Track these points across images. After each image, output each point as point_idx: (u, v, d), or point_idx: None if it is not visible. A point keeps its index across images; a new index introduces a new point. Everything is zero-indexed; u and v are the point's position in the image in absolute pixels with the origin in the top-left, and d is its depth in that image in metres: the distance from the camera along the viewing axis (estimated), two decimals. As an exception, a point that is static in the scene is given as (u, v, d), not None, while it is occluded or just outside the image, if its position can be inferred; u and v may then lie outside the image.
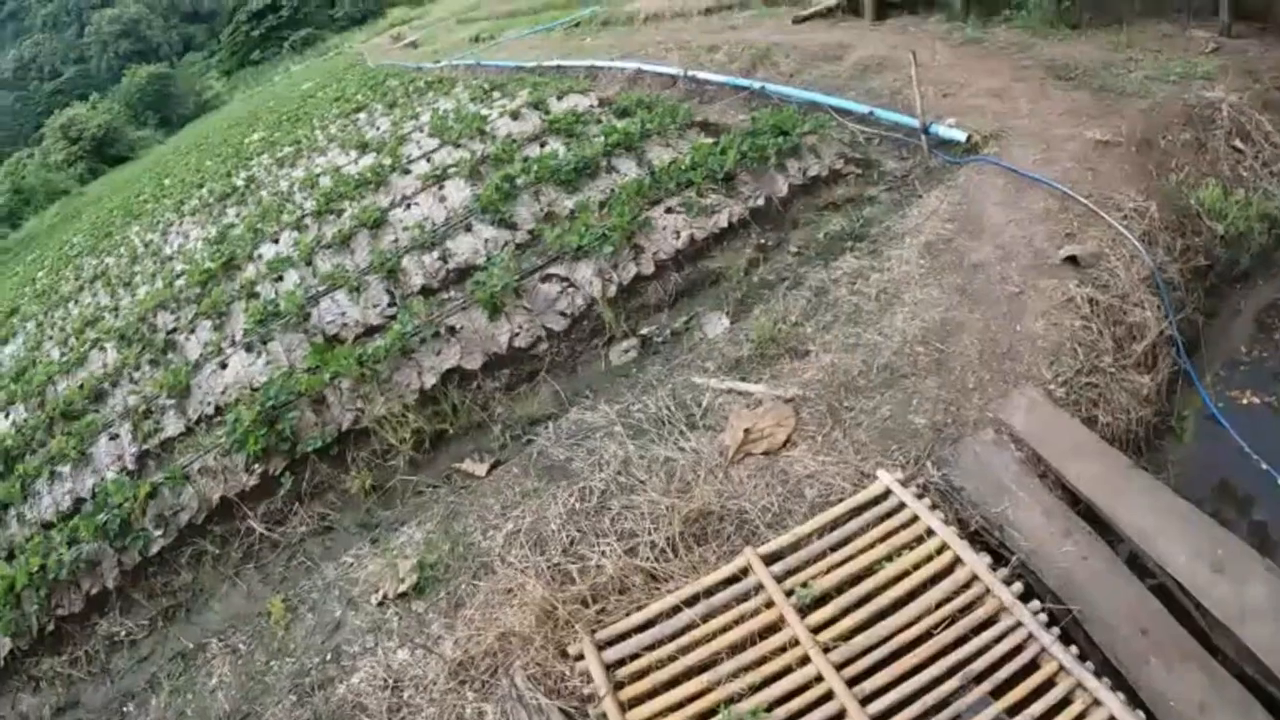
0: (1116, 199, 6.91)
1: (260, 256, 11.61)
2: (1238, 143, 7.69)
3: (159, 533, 6.61)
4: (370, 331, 8.54)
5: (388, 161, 12.91)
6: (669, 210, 8.23)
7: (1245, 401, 5.94)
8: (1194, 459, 5.64)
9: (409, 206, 10.76)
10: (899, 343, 6.13)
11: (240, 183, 18.53)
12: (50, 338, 14.42)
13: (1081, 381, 5.59)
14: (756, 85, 11.89)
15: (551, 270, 7.77)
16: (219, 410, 8.24)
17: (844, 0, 14.40)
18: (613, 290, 7.59)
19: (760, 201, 8.42)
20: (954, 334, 6.07)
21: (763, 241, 8.07)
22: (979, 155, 8.16)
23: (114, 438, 8.36)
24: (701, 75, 13.24)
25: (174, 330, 10.54)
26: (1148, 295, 6.21)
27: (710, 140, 9.63)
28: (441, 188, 10.87)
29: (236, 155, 24.30)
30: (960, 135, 8.50)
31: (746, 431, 5.63)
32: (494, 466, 6.27)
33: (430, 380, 7.02)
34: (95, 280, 16.95)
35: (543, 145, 11.24)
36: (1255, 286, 6.95)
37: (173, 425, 8.33)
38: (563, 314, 7.46)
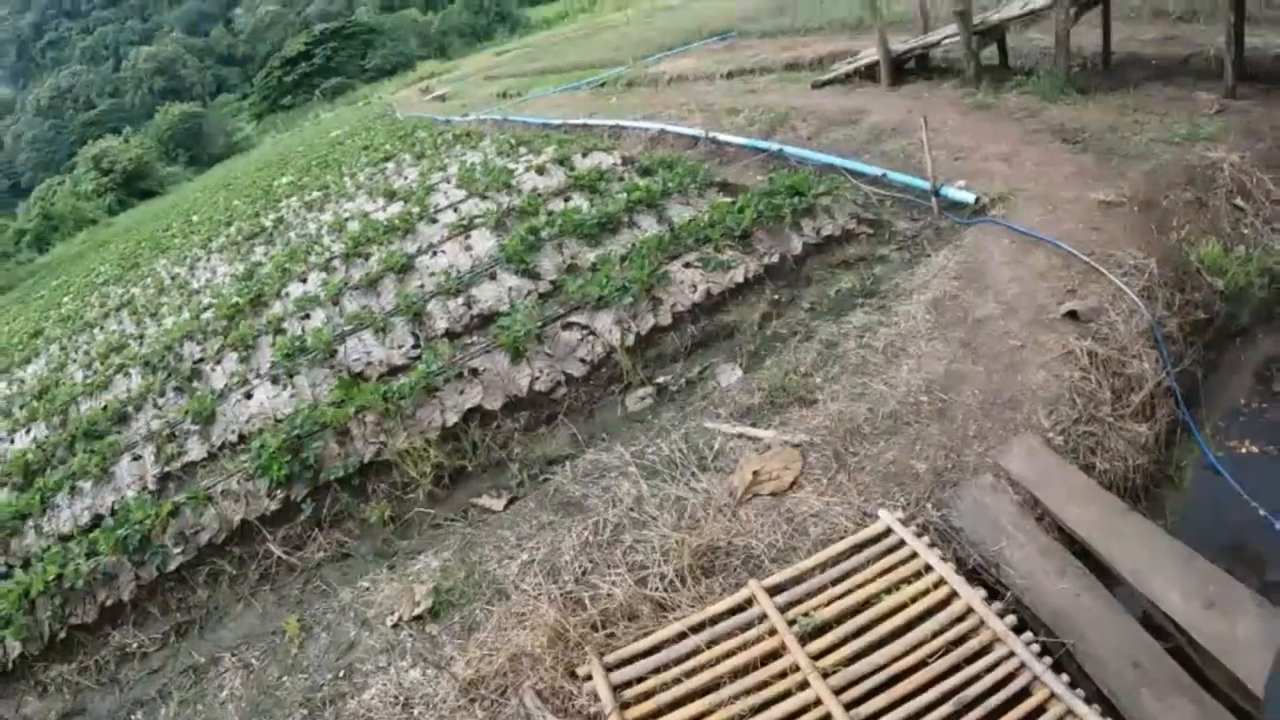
0: (1117, 256, 7.29)
1: (288, 295, 12.24)
2: (1239, 201, 8.11)
3: (178, 550, 6.98)
4: (394, 371, 9.01)
5: (415, 210, 13.62)
6: (687, 265, 8.69)
7: (1244, 451, 6.21)
8: (1192, 505, 5.91)
9: (435, 254, 11.32)
10: (903, 392, 6.47)
11: (269, 223, 19.53)
12: (74, 360, 15.13)
13: (1080, 430, 5.89)
14: (775, 148, 12.44)
15: (573, 318, 8.22)
16: (242, 438, 8.69)
17: (861, 67, 15.06)
18: (631, 339, 8.01)
19: (775, 259, 8.85)
20: (957, 384, 6.41)
21: (776, 297, 8.47)
22: (986, 216, 8.59)
23: (136, 458, 8.82)
24: (722, 137, 13.86)
25: (200, 360, 11.10)
26: (1146, 348, 6.54)
27: (728, 199, 10.15)
28: (468, 237, 11.44)
29: (265, 196, 25.48)
30: (969, 197, 8.94)
31: (755, 473, 5.96)
32: (511, 502, 6.64)
33: (452, 418, 7.43)
34: (121, 309, 17.79)
35: (567, 200, 11.83)
36: (1255, 340, 7.27)
37: (196, 450, 8.79)
38: (582, 360, 7.88)
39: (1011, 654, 4.44)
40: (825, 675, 4.48)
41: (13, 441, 11.71)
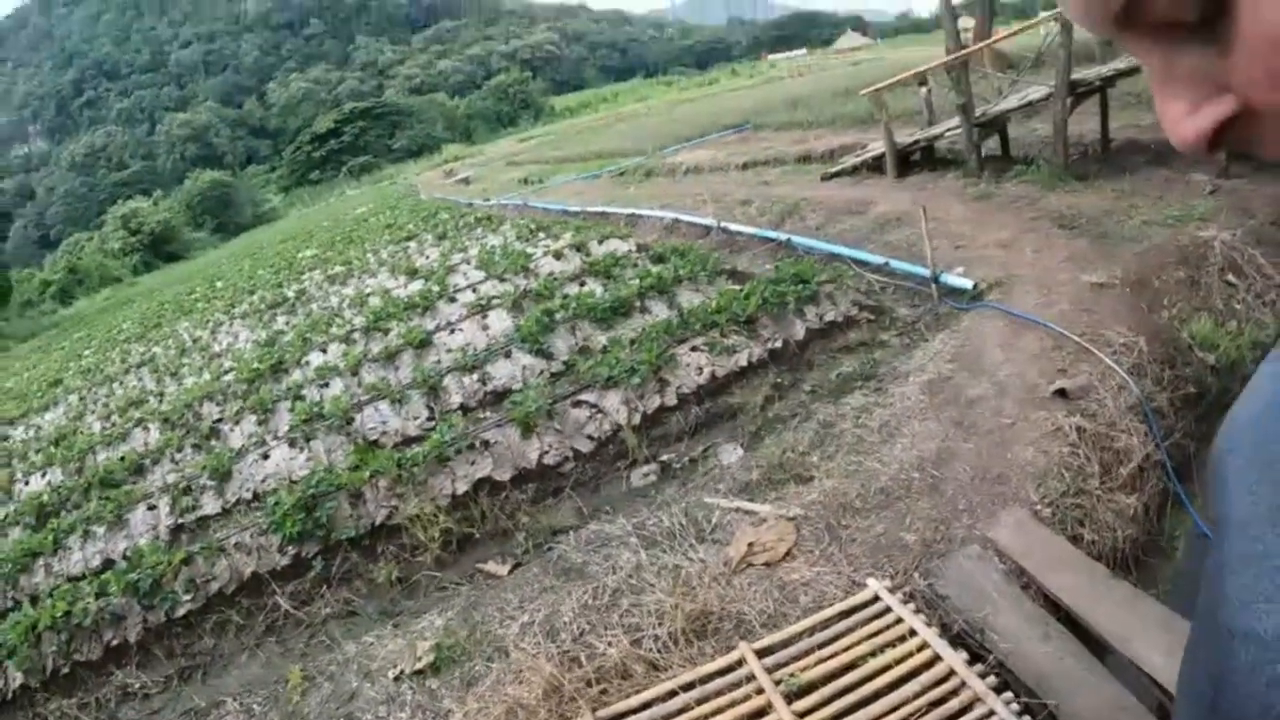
0: (1107, 336, 7.70)
1: (308, 363, 12.83)
2: (1230, 277, 8.55)
3: (188, 597, 7.32)
4: (409, 441, 9.42)
5: (435, 289, 14.35)
6: (694, 349, 9.17)
7: (1235, 521, 6.49)
8: (1184, 574, 6.17)
9: (453, 331, 11.93)
10: (896, 469, 6.82)
11: (291, 294, 20.36)
12: (93, 411, 15.75)
13: (1068, 502, 6.21)
14: (783, 238, 13.05)
15: (582, 397, 8.69)
16: (257, 496, 9.11)
17: (869, 159, 15.79)
18: (638, 418, 8.45)
19: (779, 343, 9.32)
20: (948, 461, 6.77)
21: (779, 380, 8.90)
22: (984, 301, 9.06)
23: (151, 508, 9.23)
24: (734, 227, 14.54)
25: (219, 420, 11.60)
26: (1135, 423, 6.89)
27: (736, 286, 10.68)
28: (485, 317, 12.05)
29: (289, 267, 26.62)
30: (968, 283, 9.43)
31: (750, 545, 6.31)
32: (515, 567, 7.01)
33: (462, 487, 7.85)
34: (142, 365, 18.55)
35: (582, 285, 12.46)
36: None
37: (211, 505, 9.20)
38: (590, 437, 8.32)
39: (992, 713, 4.71)
40: (809, 731, 4.76)
41: (28, 483, 12.22)
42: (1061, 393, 7.15)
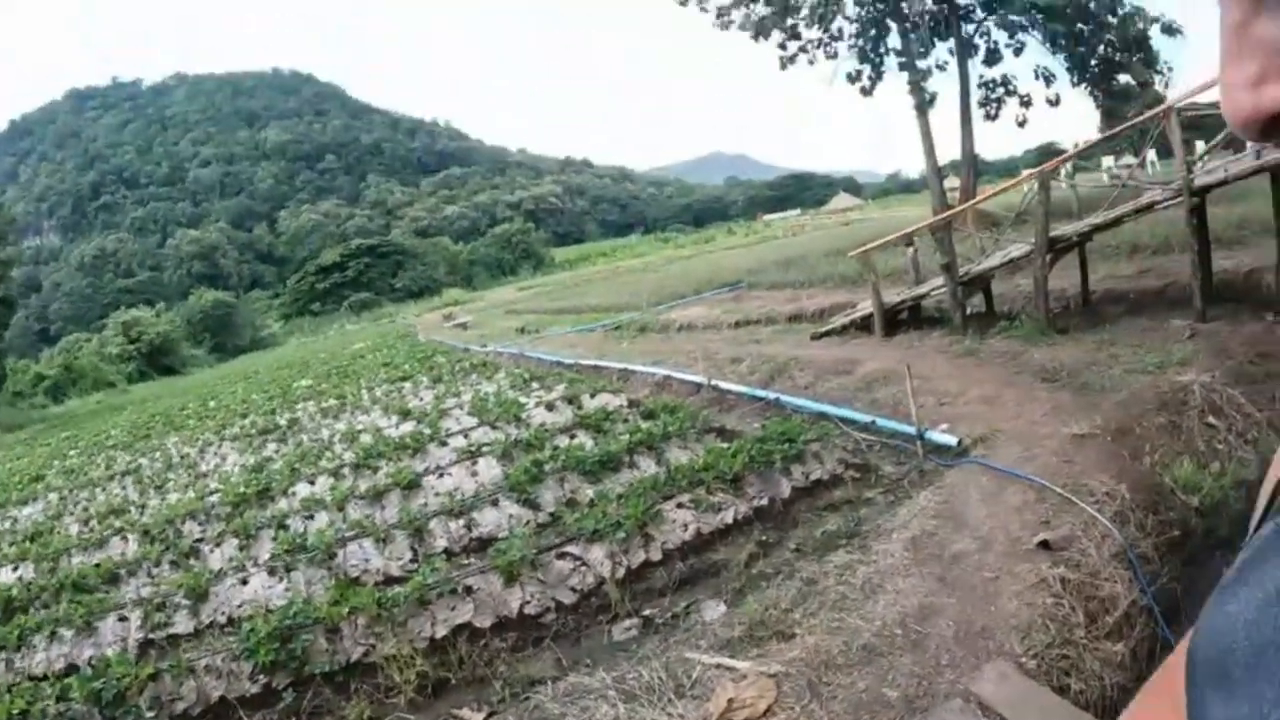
0: (1090, 485, 7.93)
1: (295, 494, 12.97)
2: (1211, 419, 8.86)
3: (151, 714, 7.17)
4: (391, 580, 9.46)
5: (427, 431, 14.74)
6: (680, 505, 9.38)
7: (1226, 660, 6.54)
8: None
9: (442, 475, 12.16)
10: (879, 626, 6.91)
11: (283, 422, 20.82)
12: (71, 513, 15.79)
13: (1053, 653, 6.30)
14: (771, 397, 13.40)
15: (567, 549, 8.84)
16: (232, 621, 9.03)
17: (858, 318, 16.33)
18: (621, 573, 8.58)
19: (764, 501, 9.53)
20: (931, 616, 6.87)
21: (764, 538, 9.06)
22: (968, 457, 9.33)
23: (123, 619, 9.14)
24: (724, 385, 14.93)
25: (200, 540, 11.62)
26: (1120, 570, 7.04)
27: (724, 444, 10.97)
28: (475, 463, 12.33)
29: (283, 395, 27.25)
30: (952, 440, 9.72)
31: (730, 701, 6.35)
32: (490, 716, 6.97)
33: (442, 631, 7.89)
34: (126, 474, 18.67)
35: (572, 437, 12.79)
36: (1236, 551, 7.66)
37: (184, 624, 9.12)
38: (573, 589, 8.43)
39: None
40: None
41: (-2, 575, 12.14)
42: (1045, 544, 7.31)
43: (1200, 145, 15.76)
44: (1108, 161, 31.94)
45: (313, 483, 13.42)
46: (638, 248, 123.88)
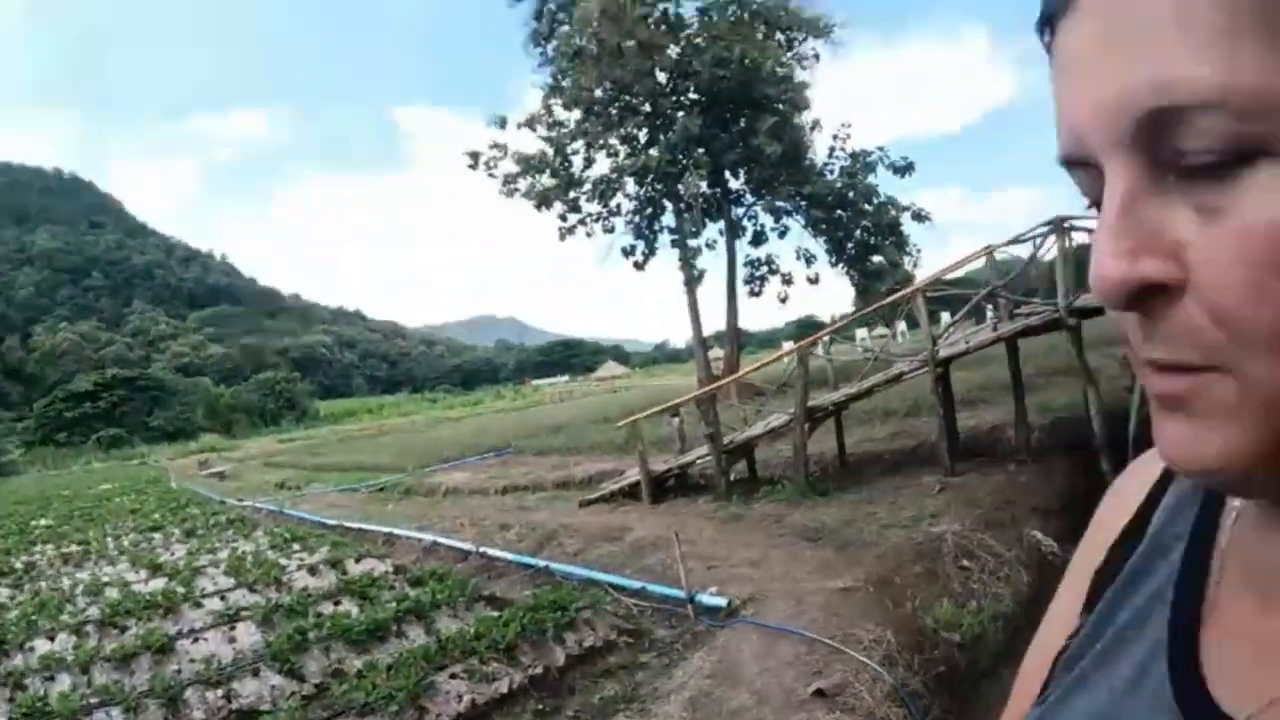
0: (857, 634, 8.33)
1: (32, 650, 11.49)
2: (965, 562, 9.67)
3: None
4: None
5: (180, 590, 13.60)
6: (453, 676, 9.05)
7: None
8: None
9: (197, 640, 11.14)
10: (656, 791, 6.89)
11: (19, 565, 18.91)
12: None
13: (837, 799, 6.46)
14: (541, 564, 13.33)
15: (337, 723, 8.26)
16: None
17: (625, 486, 16.65)
18: (396, 748, 8.09)
19: (539, 670, 9.35)
20: (714, 773, 6.91)
21: (540, 707, 8.85)
22: (738, 617, 9.60)
23: None
24: (493, 552, 14.71)
25: None
26: (894, 708, 7.39)
27: (495, 613, 10.75)
28: (233, 628, 11.41)
29: (20, 534, 25.11)
30: (722, 601, 9.99)
31: None
32: None
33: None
34: None
35: (337, 604, 12.14)
36: (999, 677, 8.26)
37: None
38: (345, 766, 7.86)
39: None
40: None
41: None
42: (820, 693, 7.56)
43: (946, 317, 17.62)
44: (861, 333, 34.65)
45: (52, 639, 12.06)
46: (405, 406, 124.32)
